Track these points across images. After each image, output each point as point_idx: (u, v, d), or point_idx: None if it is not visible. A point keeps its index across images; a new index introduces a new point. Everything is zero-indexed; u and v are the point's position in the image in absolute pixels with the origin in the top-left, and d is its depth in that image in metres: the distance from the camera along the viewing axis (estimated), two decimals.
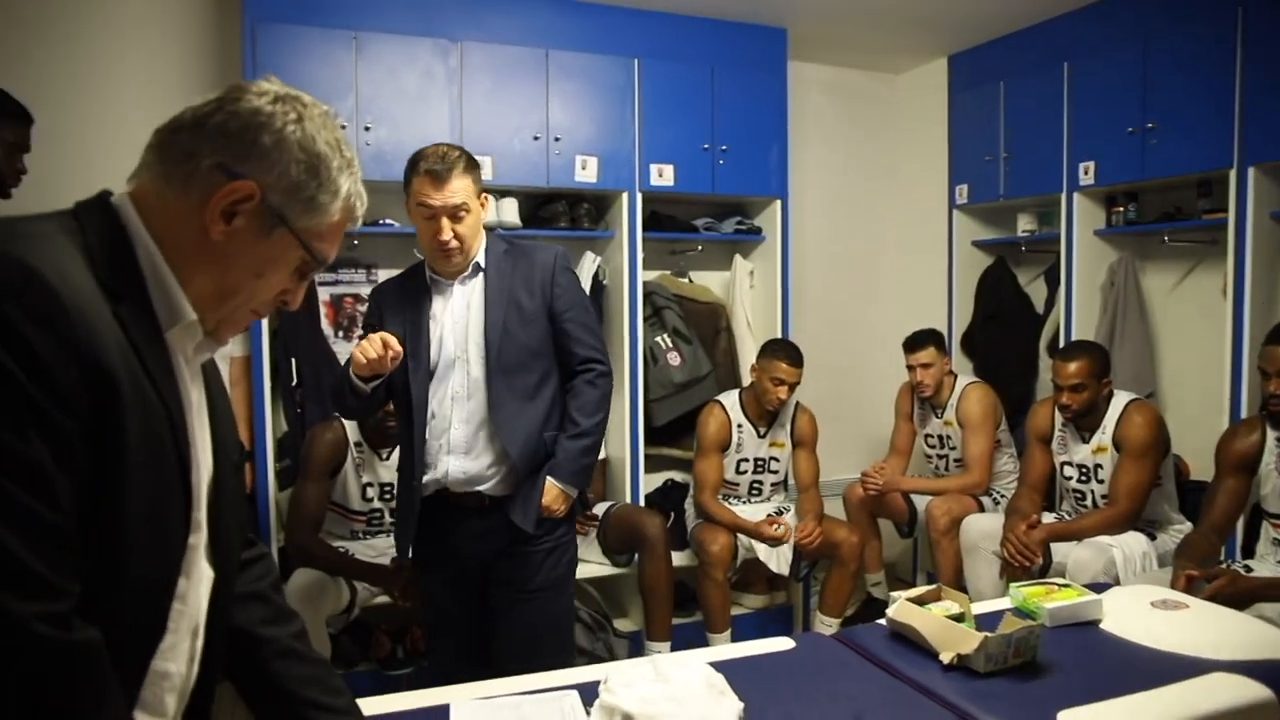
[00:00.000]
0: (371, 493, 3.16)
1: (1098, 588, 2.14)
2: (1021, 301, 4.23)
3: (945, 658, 1.70)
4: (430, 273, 2.28)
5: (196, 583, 1.02)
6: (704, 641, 3.42)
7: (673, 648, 3.29)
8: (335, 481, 3.14)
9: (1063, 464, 3.26)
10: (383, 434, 3.10)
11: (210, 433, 1.06)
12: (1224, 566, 2.50)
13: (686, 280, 4.13)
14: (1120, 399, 3.10)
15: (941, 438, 3.81)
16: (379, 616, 3.28)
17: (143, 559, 0.91)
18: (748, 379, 3.73)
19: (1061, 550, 3.05)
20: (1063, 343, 3.66)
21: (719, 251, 4.21)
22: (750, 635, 3.05)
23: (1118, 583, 2.67)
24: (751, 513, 3.60)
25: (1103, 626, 1.89)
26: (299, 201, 0.98)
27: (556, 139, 3.53)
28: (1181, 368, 3.64)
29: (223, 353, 3.14)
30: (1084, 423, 3.14)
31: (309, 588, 2.89)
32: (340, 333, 3.69)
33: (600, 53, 3.62)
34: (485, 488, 2.25)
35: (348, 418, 2.90)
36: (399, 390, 2.27)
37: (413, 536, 2.30)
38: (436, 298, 2.27)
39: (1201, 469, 3.40)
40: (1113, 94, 3.49)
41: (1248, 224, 3.08)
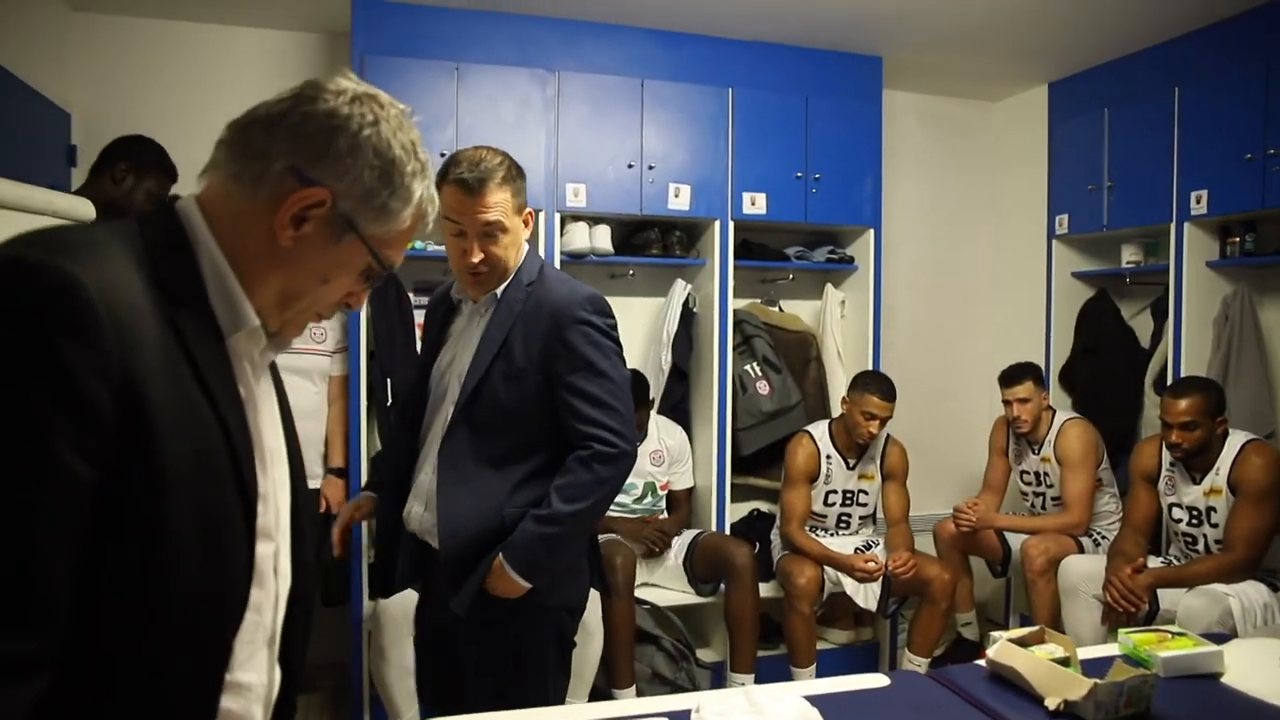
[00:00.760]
0: None
1: (1213, 639, 2.02)
2: (1125, 335, 4.07)
3: (1051, 703, 1.63)
4: (456, 291, 2.02)
5: (270, 592, 0.98)
6: (788, 675, 3.35)
7: (756, 680, 3.23)
8: None
9: (1170, 505, 3.11)
10: None
11: (283, 436, 1.03)
12: None
13: (777, 309, 4.10)
14: (1237, 438, 2.95)
15: (1039, 475, 3.68)
16: None
17: (196, 574, 0.86)
18: (837, 409, 3.67)
19: (1170, 598, 2.91)
20: (1171, 379, 3.50)
21: (810, 280, 4.17)
22: (835, 671, 2.97)
23: (1235, 635, 2.52)
24: (839, 545, 3.53)
25: (1224, 681, 1.78)
26: (371, 209, 0.94)
27: (650, 167, 3.57)
28: None
29: (322, 370, 3.25)
30: (1195, 463, 2.99)
31: (398, 604, 2.93)
32: None
33: (694, 82, 3.65)
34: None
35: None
36: (408, 409, 2.02)
37: (391, 570, 2.00)
38: (457, 319, 2.01)
39: None
40: (1228, 120, 3.35)
41: None
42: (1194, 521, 3.03)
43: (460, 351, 1.93)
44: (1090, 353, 4.10)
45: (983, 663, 1.86)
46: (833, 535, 3.64)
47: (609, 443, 1.85)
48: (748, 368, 3.84)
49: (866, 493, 3.64)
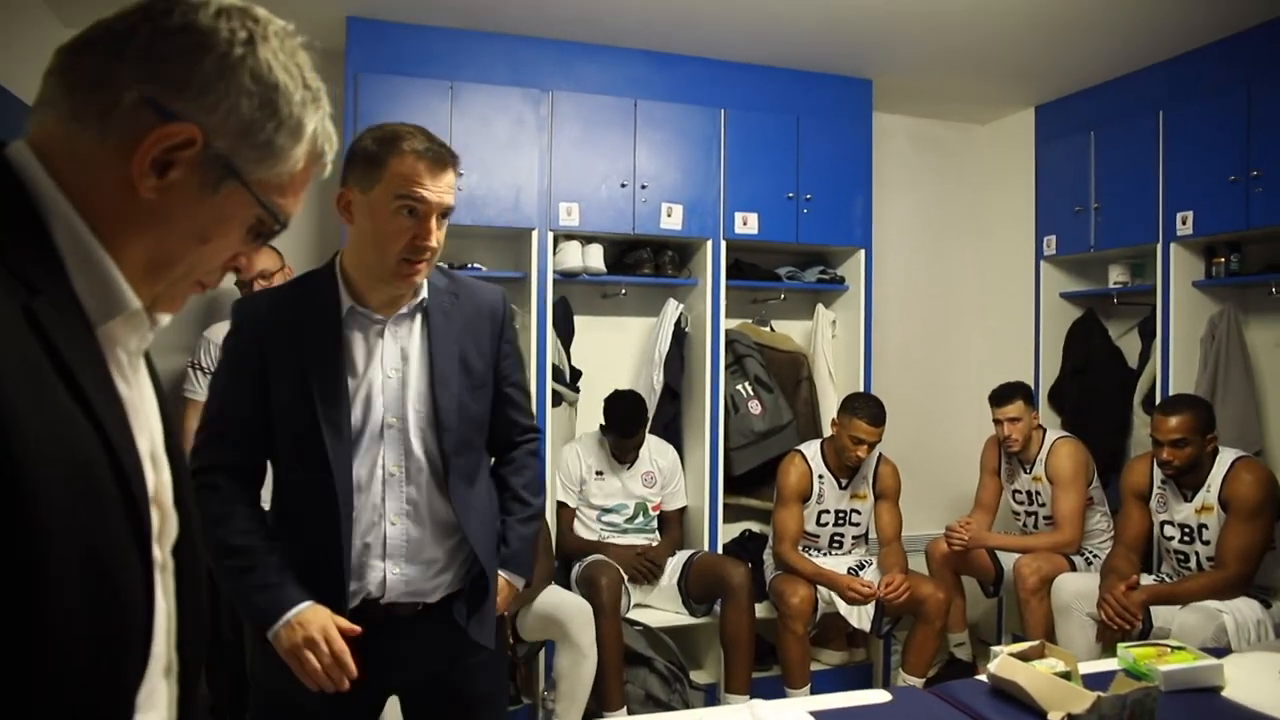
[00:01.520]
0: None
1: (1211, 654, 2.02)
2: (1113, 355, 4.10)
3: (1054, 717, 1.62)
4: (351, 300, 1.60)
5: (162, 613, 0.80)
6: (782, 696, 3.32)
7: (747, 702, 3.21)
8: None
9: (1162, 523, 3.12)
10: None
11: (163, 432, 0.83)
12: None
13: (768, 329, 4.11)
14: (1227, 456, 2.97)
15: (1030, 494, 3.69)
16: None
17: (83, 610, 0.67)
18: (829, 429, 3.67)
19: (1163, 615, 2.91)
20: (1159, 397, 3.52)
21: (801, 301, 4.19)
22: (829, 692, 2.96)
23: (1229, 651, 2.52)
24: (832, 565, 3.52)
25: (1225, 694, 1.79)
26: (253, 147, 0.75)
27: (643, 186, 3.58)
28: None
29: None
30: (1186, 480, 3.01)
31: None
32: None
33: (687, 103, 3.68)
34: (432, 598, 1.66)
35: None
36: (305, 467, 1.58)
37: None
38: (357, 337, 1.60)
39: None
40: (1212, 142, 3.40)
41: None
42: (1186, 539, 3.04)
43: (392, 375, 1.60)
44: (1079, 372, 4.13)
45: (983, 678, 1.85)
46: (826, 555, 3.63)
47: (537, 431, 1.89)
48: (739, 387, 3.84)
49: (859, 512, 3.63)
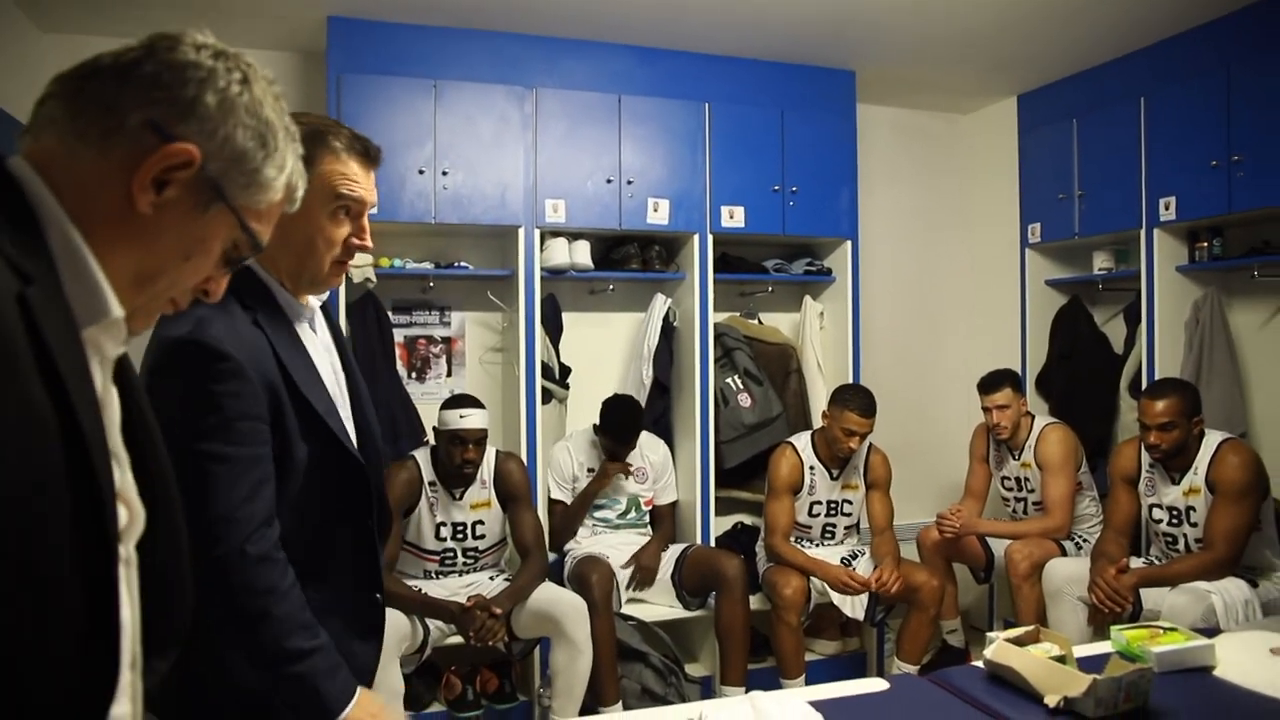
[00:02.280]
0: (445, 532, 3.18)
1: (1202, 634, 2.05)
2: (1099, 340, 4.13)
3: (1051, 701, 1.64)
4: (287, 296, 1.43)
5: (127, 612, 0.82)
6: (777, 688, 3.32)
7: (747, 694, 3.22)
8: (409, 521, 3.17)
9: (1151, 506, 3.15)
10: (459, 474, 3.13)
11: (139, 443, 0.86)
12: None
13: (756, 321, 4.12)
14: (1213, 438, 2.99)
15: (1019, 480, 3.71)
16: (450, 657, 3.27)
17: (53, 617, 0.69)
18: (819, 420, 3.69)
19: (1153, 597, 2.94)
20: (1145, 382, 3.55)
21: (789, 293, 4.20)
22: (823, 682, 2.98)
23: (1218, 631, 2.55)
24: (824, 556, 3.53)
25: (1217, 674, 1.80)
26: (243, 174, 0.83)
27: (629, 182, 3.58)
28: (1275, 407, 3.51)
29: None
30: (1173, 463, 3.03)
31: (392, 627, 2.89)
32: (414, 374, 3.75)
33: (671, 97, 3.68)
34: None
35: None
36: (348, 489, 1.45)
37: None
38: (301, 333, 1.46)
39: None
40: (1193, 128, 3.43)
41: None
42: (1174, 521, 3.07)
43: (328, 374, 1.48)
44: (1065, 359, 4.15)
45: (979, 664, 1.87)
46: (818, 546, 3.64)
47: None
48: (729, 381, 3.85)
49: (851, 503, 3.65)
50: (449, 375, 3.81)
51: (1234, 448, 2.94)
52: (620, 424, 3.49)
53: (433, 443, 3.23)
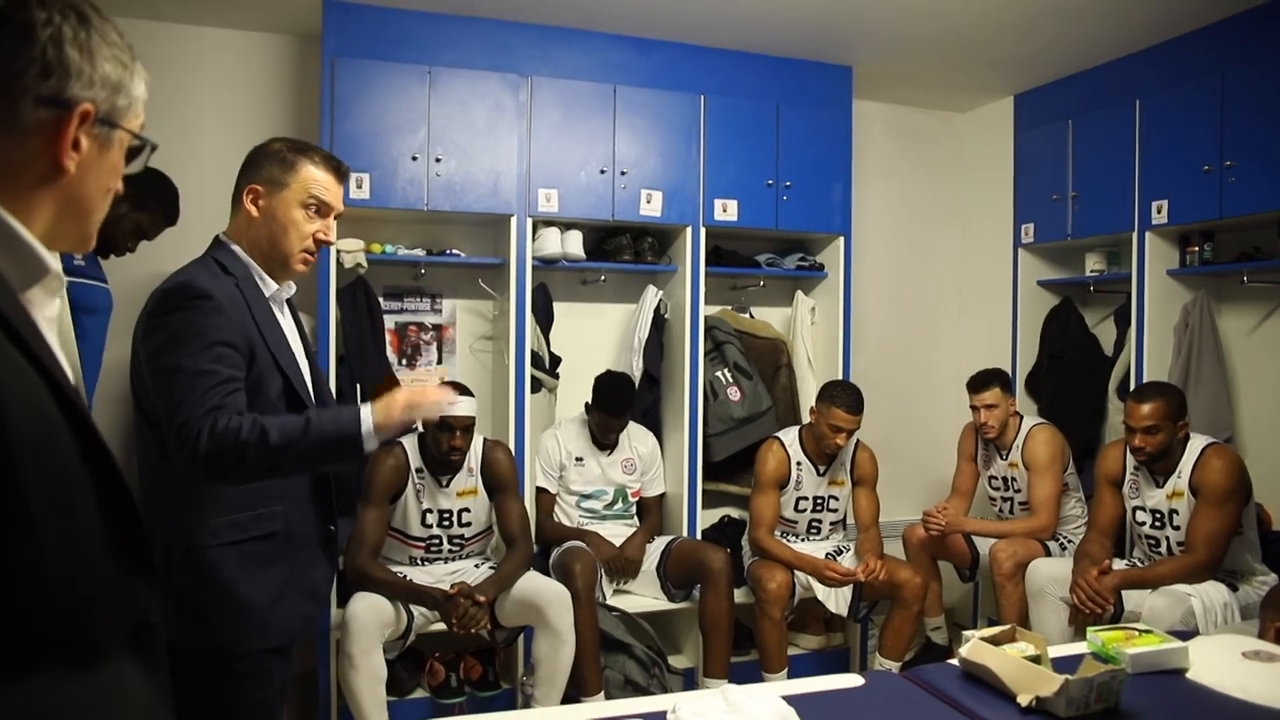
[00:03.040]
0: (431, 519, 3.18)
1: (1177, 637, 2.06)
2: (1089, 342, 4.14)
3: (1024, 700, 1.65)
4: (261, 273, 1.77)
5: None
6: (760, 681, 3.35)
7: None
8: (395, 507, 3.17)
9: (1134, 509, 3.16)
10: (445, 462, 3.13)
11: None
12: None
13: (748, 315, 4.13)
14: (1198, 442, 3.00)
15: (1006, 480, 3.73)
16: (434, 644, 3.28)
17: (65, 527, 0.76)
18: (807, 416, 3.69)
19: (1135, 598, 2.95)
20: (1134, 385, 3.56)
21: (780, 287, 4.20)
22: (807, 676, 3.00)
23: (1197, 634, 2.56)
24: (810, 551, 3.54)
25: (1189, 676, 1.82)
26: (123, 98, 0.89)
27: (622, 173, 3.58)
28: (1261, 412, 3.52)
29: None
30: (1158, 466, 3.04)
31: (367, 612, 2.91)
32: (404, 360, 3.75)
33: (667, 89, 3.67)
34: None
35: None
36: None
37: None
38: (277, 314, 1.80)
39: None
40: (1187, 132, 3.43)
41: None
42: (1157, 524, 3.08)
43: (299, 351, 1.82)
44: (1055, 359, 4.16)
45: (955, 662, 1.88)
46: (803, 541, 3.65)
47: None
48: (719, 374, 3.85)
49: (837, 498, 3.66)
50: (439, 362, 3.81)
51: (1217, 452, 2.95)
52: (612, 397, 3.50)
53: (421, 429, 3.22)
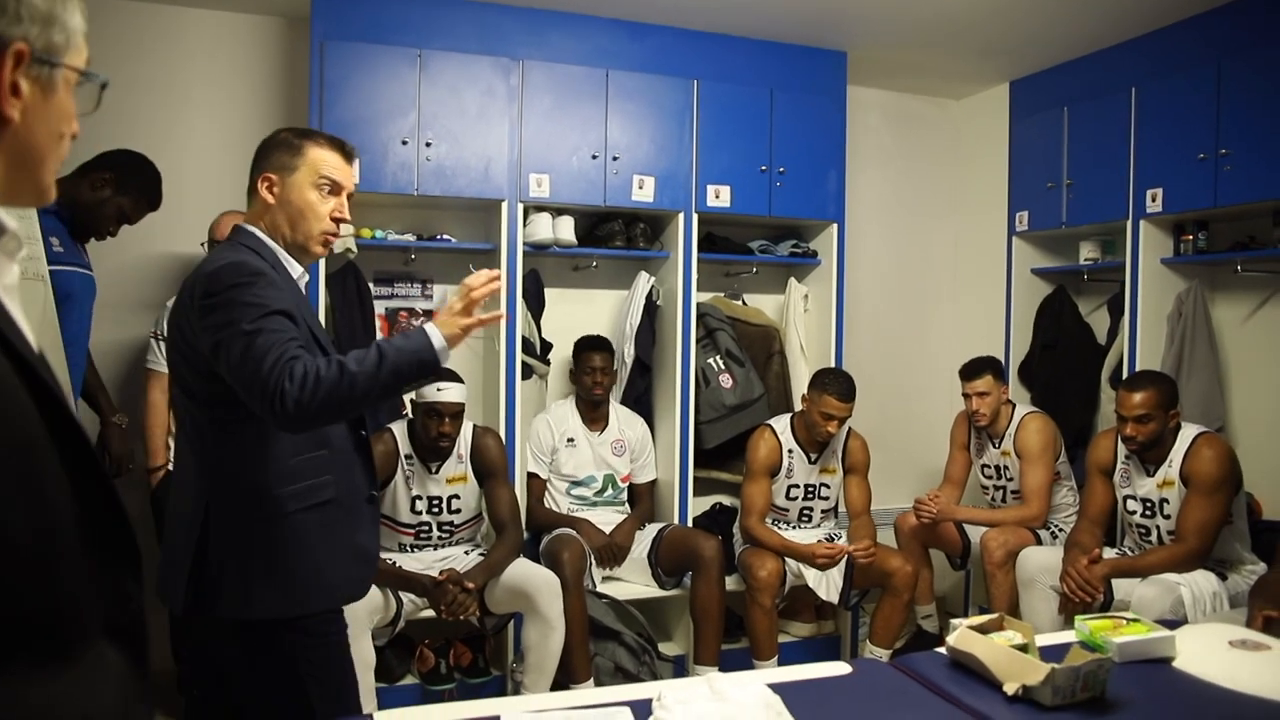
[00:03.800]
0: (420, 506, 3.17)
1: (1166, 626, 2.06)
2: (1083, 331, 4.13)
3: (1010, 689, 1.64)
4: (288, 257, 1.84)
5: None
6: (750, 668, 3.35)
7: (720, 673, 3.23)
8: (385, 493, 3.15)
9: (1125, 498, 3.16)
10: (435, 448, 3.11)
11: None
12: None
13: (740, 302, 4.11)
14: (1189, 431, 3.00)
15: (998, 468, 3.72)
16: (423, 630, 3.27)
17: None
18: (800, 404, 3.68)
19: (1124, 587, 2.95)
20: (1126, 373, 3.56)
21: (773, 274, 4.18)
22: (797, 663, 2.99)
23: (1185, 622, 2.56)
24: (801, 539, 3.54)
25: (1176, 665, 1.81)
26: (59, 33, 0.82)
27: (614, 158, 3.55)
28: (1254, 402, 3.52)
29: None
30: (1149, 455, 3.04)
31: (365, 599, 2.89)
32: None
33: (660, 73, 3.64)
34: None
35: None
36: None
37: None
38: (300, 289, 1.89)
39: (1275, 508, 3.27)
40: (1182, 120, 3.41)
41: None
42: (1147, 513, 3.08)
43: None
44: (1049, 348, 4.15)
45: (943, 650, 1.87)
46: (795, 529, 3.65)
47: None
48: (711, 361, 3.84)
49: (829, 486, 3.65)
50: None
51: (1209, 441, 2.95)
52: (589, 340, 3.62)
53: (410, 416, 3.21)
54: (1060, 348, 4.12)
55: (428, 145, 3.31)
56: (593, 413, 3.63)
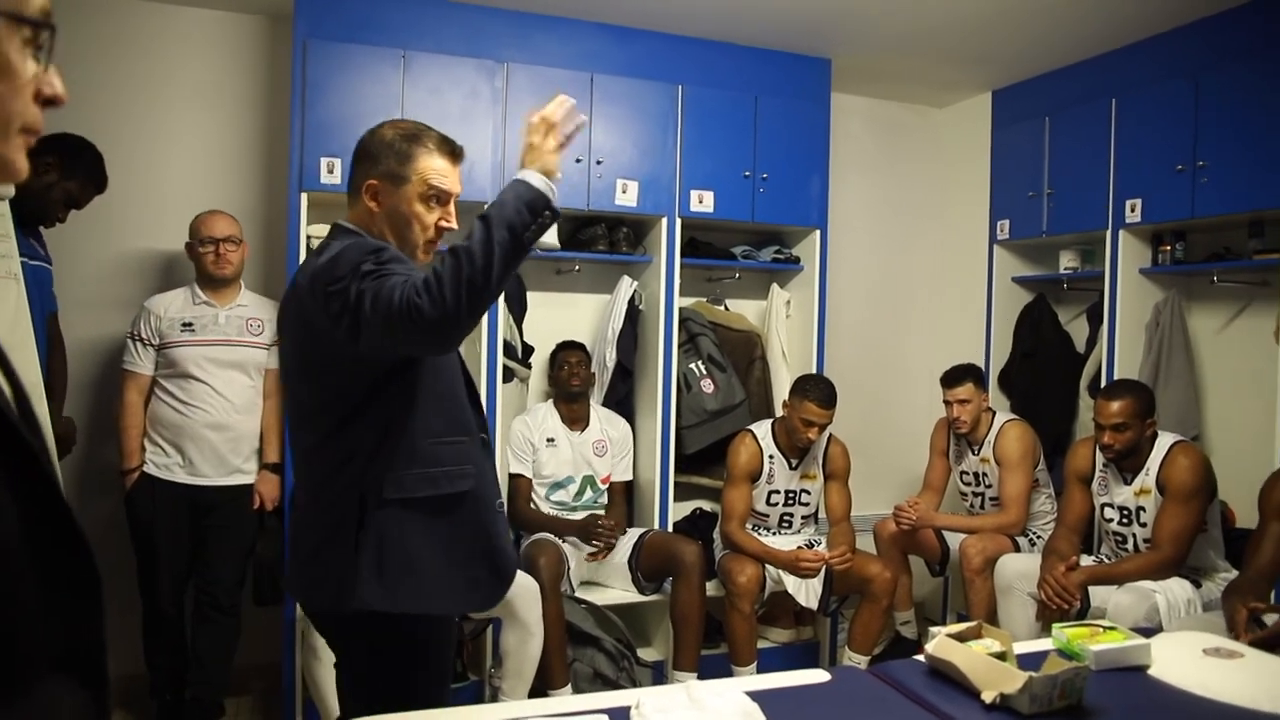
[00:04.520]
0: None
1: (1141, 633, 2.07)
2: (1062, 339, 4.16)
3: (988, 697, 1.65)
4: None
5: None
6: (729, 674, 3.35)
7: (699, 679, 3.23)
8: None
9: (1103, 505, 3.18)
10: None
11: None
12: None
13: (722, 308, 4.11)
14: (1165, 440, 3.03)
15: (978, 475, 3.74)
16: None
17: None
18: (781, 410, 3.69)
19: (1101, 594, 2.98)
20: (1104, 382, 3.59)
21: (756, 280, 4.19)
22: (775, 670, 2.99)
23: (1161, 629, 2.59)
24: (781, 545, 3.54)
25: (1151, 673, 1.82)
26: None
27: (598, 162, 3.54)
28: (1229, 411, 3.55)
29: (259, 363, 3.16)
30: (1126, 464, 3.07)
31: None
32: None
33: (644, 78, 3.64)
34: None
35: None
36: (446, 421, 1.78)
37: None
38: None
39: (1248, 516, 3.30)
40: (1161, 131, 3.44)
41: None
42: (1124, 521, 3.10)
43: None
44: (1029, 356, 4.18)
45: (921, 658, 1.87)
46: (775, 534, 3.65)
47: None
48: (692, 366, 3.84)
49: (809, 492, 3.66)
50: None
51: (1184, 450, 2.98)
52: (563, 344, 3.66)
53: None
54: (1040, 356, 4.14)
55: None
56: (572, 412, 3.62)
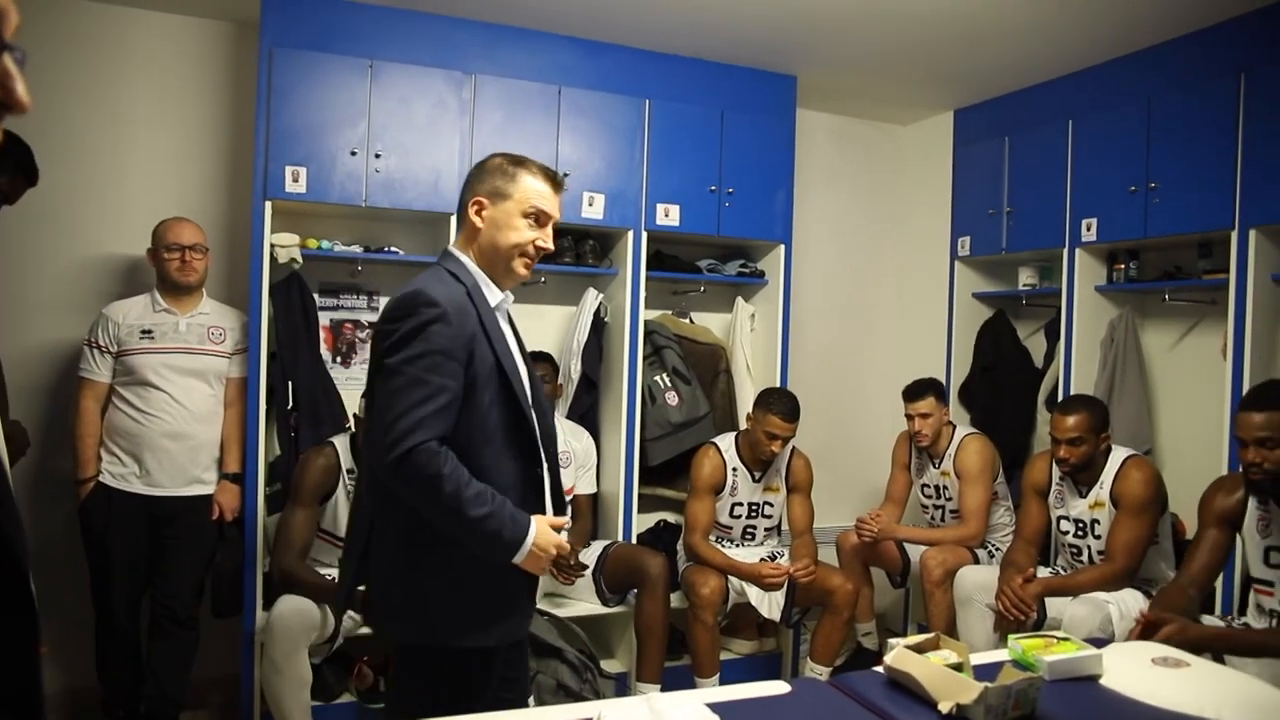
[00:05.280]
0: None
1: (1094, 644, 2.11)
2: (1020, 354, 4.24)
3: (944, 707, 1.67)
4: (489, 281, 1.91)
5: None
6: (692, 685, 3.36)
7: (662, 691, 3.23)
8: (325, 508, 3.11)
9: (1059, 518, 3.24)
10: None
11: None
12: (1214, 619, 2.46)
13: (688, 321, 4.14)
14: (1118, 454, 3.09)
15: (938, 488, 3.79)
16: (362, 647, 3.22)
17: None
18: (745, 423, 3.72)
19: (1057, 605, 3.03)
20: (1061, 397, 3.66)
21: (721, 293, 4.22)
22: (738, 681, 3.00)
23: (1114, 639, 2.64)
24: (744, 557, 3.56)
25: (1102, 682, 1.86)
26: None
27: (565, 174, 3.55)
28: (1179, 425, 3.64)
29: (219, 372, 3.12)
30: (1081, 477, 3.13)
31: (293, 615, 2.85)
32: (339, 359, 3.67)
33: (612, 91, 3.66)
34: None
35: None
36: (507, 443, 1.85)
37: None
38: (501, 322, 1.93)
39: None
40: (1116, 153, 3.53)
41: (1248, 285, 3.10)
42: (1079, 533, 3.16)
43: (518, 356, 1.96)
44: (988, 371, 4.26)
45: (880, 669, 1.90)
46: (738, 546, 3.67)
47: None
48: (657, 378, 3.85)
49: (772, 505, 3.69)
50: None
51: (1137, 464, 3.04)
52: (532, 355, 3.54)
53: (353, 429, 3.17)
54: (999, 370, 4.22)
55: (377, 157, 3.28)
56: None
